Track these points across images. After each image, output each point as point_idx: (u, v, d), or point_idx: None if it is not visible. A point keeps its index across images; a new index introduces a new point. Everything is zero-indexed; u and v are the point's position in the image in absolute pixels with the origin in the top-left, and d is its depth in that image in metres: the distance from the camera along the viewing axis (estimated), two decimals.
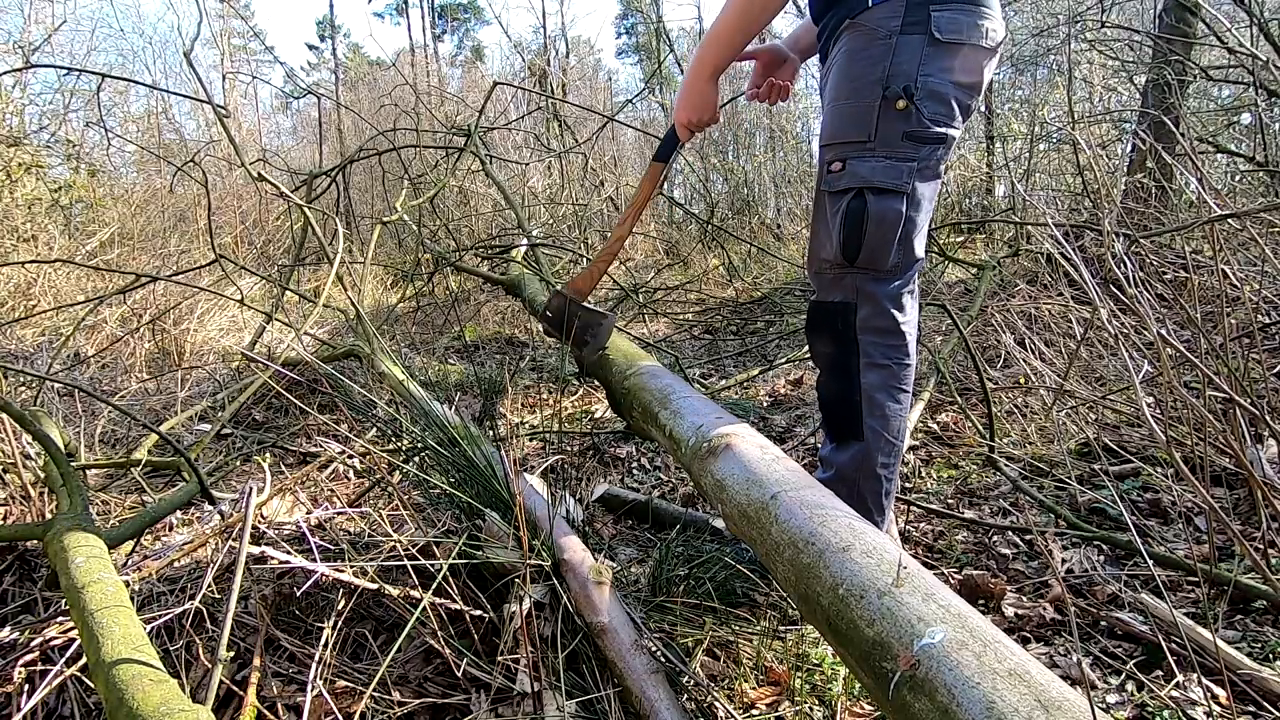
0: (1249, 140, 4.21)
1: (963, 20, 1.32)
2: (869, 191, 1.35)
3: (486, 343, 4.41)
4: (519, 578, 1.21)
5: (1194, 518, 1.70)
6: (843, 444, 1.47)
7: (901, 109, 1.31)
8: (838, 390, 1.46)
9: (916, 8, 1.31)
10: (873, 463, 1.44)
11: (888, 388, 1.42)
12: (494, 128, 5.74)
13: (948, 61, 1.33)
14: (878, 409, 1.42)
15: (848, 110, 1.37)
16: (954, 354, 2.95)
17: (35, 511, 1.72)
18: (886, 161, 1.34)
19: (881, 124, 1.33)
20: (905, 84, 1.32)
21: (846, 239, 1.37)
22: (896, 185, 1.34)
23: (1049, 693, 0.66)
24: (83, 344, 3.83)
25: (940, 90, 1.33)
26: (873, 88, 1.33)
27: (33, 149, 5.68)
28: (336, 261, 2.82)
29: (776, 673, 1.26)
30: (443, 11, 25.60)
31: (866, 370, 1.41)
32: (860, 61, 1.35)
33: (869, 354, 1.41)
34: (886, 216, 1.35)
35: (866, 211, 1.35)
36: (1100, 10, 4.61)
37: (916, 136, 1.34)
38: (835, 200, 1.39)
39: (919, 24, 1.31)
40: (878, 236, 1.36)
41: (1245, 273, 2.45)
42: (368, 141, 4.84)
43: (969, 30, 1.32)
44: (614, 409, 1.91)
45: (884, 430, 1.43)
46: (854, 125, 1.36)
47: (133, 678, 0.92)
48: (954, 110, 1.36)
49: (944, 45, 1.32)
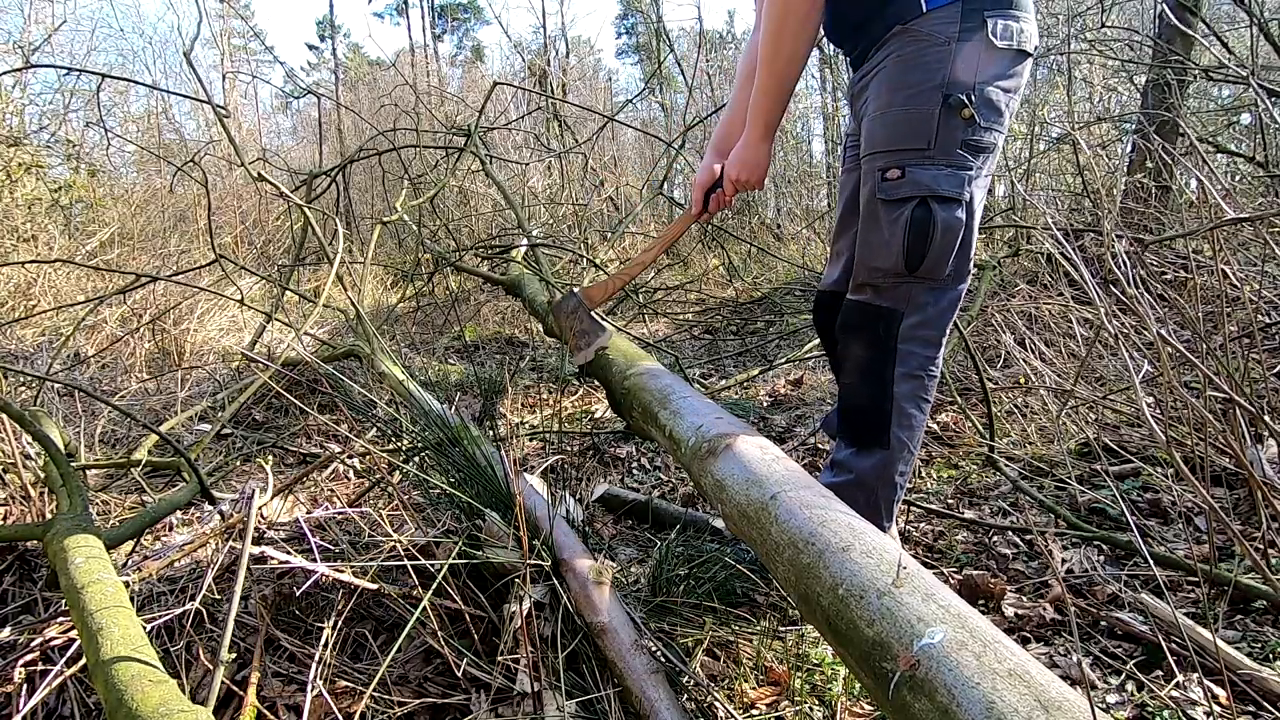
0: (1249, 140, 4.21)
1: (1011, 26, 1.31)
2: (934, 200, 1.32)
3: (486, 343, 4.41)
4: (519, 578, 1.21)
5: (1194, 518, 1.71)
6: (865, 450, 1.44)
7: (966, 117, 1.30)
8: (868, 396, 1.43)
9: (972, 13, 1.29)
10: (893, 470, 1.43)
11: (917, 398, 1.41)
12: (494, 128, 5.75)
13: (1000, 68, 1.32)
14: (905, 419, 1.40)
15: (904, 117, 1.34)
16: (954, 354, 2.95)
17: (35, 511, 1.72)
18: (949, 169, 1.32)
19: (942, 131, 1.31)
20: (965, 91, 1.30)
21: (911, 248, 1.34)
22: (959, 194, 1.32)
23: (1049, 693, 0.66)
24: (83, 344, 3.83)
25: (994, 97, 1.32)
26: (933, 94, 1.31)
27: (33, 149, 5.67)
28: (336, 261, 2.82)
29: (776, 673, 1.27)
30: (443, 11, 25.60)
31: (901, 380, 1.39)
32: (917, 68, 1.33)
33: (906, 363, 1.39)
34: (951, 225, 1.33)
35: (933, 220, 1.32)
36: (1100, 10, 4.61)
37: (973, 144, 1.32)
38: (893, 209, 1.35)
39: (975, 29, 1.29)
40: (942, 246, 1.33)
41: (1245, 273, 2.45)
42: (368, 141, 4.84)
43: (1017, 35, 1.32)
44: (614, 409, 1.91)
45: (909, 441, 1.42)
46: (912, 132, 1.33)
47: (132, 678, 0.92)
48: (1005, 116, 1.35)
49: (999, 51, 1.30)
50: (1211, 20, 4.39)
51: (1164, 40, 4.19)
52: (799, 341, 3.78)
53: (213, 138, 7.56)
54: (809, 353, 3.34)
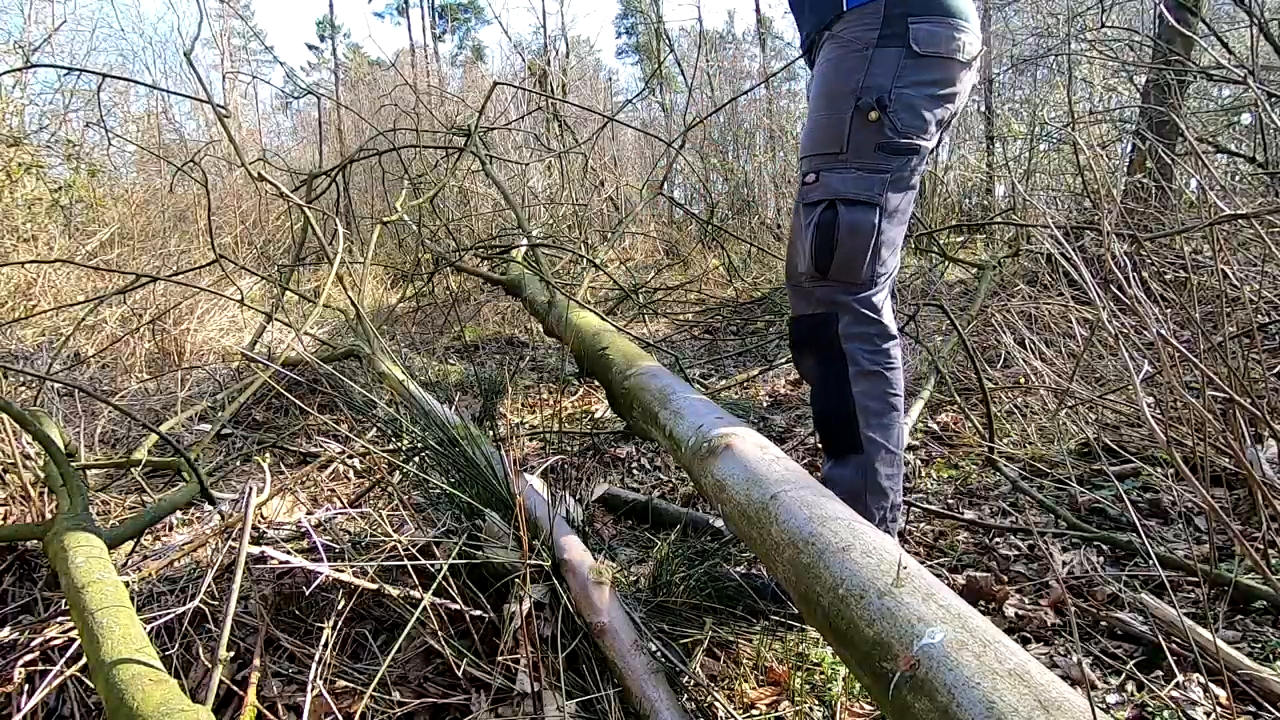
0: (1249, 140, 4.21)
1: (940, 33, 1.32)
2: (840, 203, 1.34)
3: (486, 343, 4.41)
4: (519, 578, 1.21)
5: (1194, 518, 1.71)
6: (841, 459, 1.43)
7: (874, 120, 1.32)
8: (830, 404, 1.43)
9: (894, 19, 1.31)
10: (876, 475, 1.40)
11: (881, 395, 1.39)
12: (494, 128, 5.74)
13: (924, 74, 1.33)
14: (873, 418, 1.39)
15: (822, 122, 1.38)
16: (954, 354, 2.95)
17: (35, 511, 1.72)
18: (858, 173, 1.34)
19: (854, 135, 1.33)
20: (879, 95, 1.31)
21: (818, 251, 1.36)
22: (868, 197, 1.34)
23: (1049, 693, 0.67)
24: (83, 344, 3.83)
25: (915, 102, 1.33)
26: (846, 99, 1.33)
27: (33, 149, 5.67)
28: (336, 262, 2.82)
29: (776, 673, 1.26)
30: (443, 11, 25.59)
31: (856, 379, 1.39)
32: (836, 73, 1.36)
33: (857, 362, 1.39)
34: (859, 228, 1.34)
35: (838, 223, 1.34)
36: (1100, 10, 4.61)
37: (889, 148, 1.33)
38: (808, 212, 1.39)
39: (897, 36, 1.31)
40: (849, 248, 1.35)
41: (1245, 273, 2.45)
42: (368, 142, 4.84)
43: (946, 43, 1.33)
44: (614, 409, 1.91)
45: (883, 440, 1.40)
46: (827, 137, 1.36)
47: (133, 677, 0.92)
48: (927, 122, 1.36)
49: (921, 58, 1.32)
50: (1211, 20, 4.38)
51: (1164, 40, 4.19)
52: None
53: (213, 138, 7.55)
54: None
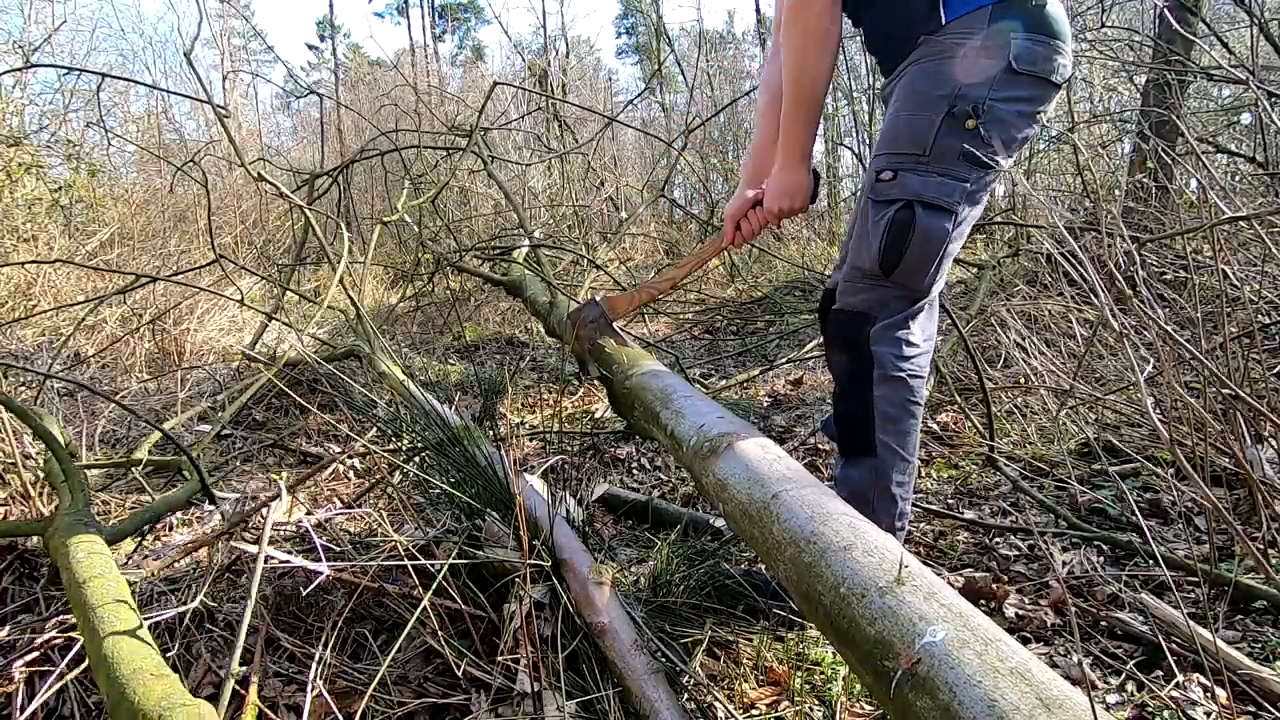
0: (1249, 140, 4.21)
1: (1039, 52, 1.29)
2: (919, 205, 1.31)
3: (486, 343, 4.41)
4: (519, 578, 1.21)
5: (1194, 518, 1.71)
6: (854, 459, 1.43)
7: (970, 128, 1.28)
8: (851, 402, 1.42)
9: (997, 33, 1.27)
10: (887, 480, 1.39)
11: (901, 401, 1.38)
12: (494, 128, 5.74)
13: (1018, 91, 1.30)
14: (890, 423, 1.38)
15: (907, 122, 1.34)
16: (954, 354, 2.95)
17: (35, 511, 1.72)
18: (940, 178, 1.30)
19: (941, 139, 1.30)
20: (975, 104, 1.28)
21: (887, 249, 1.32)
22: (947, 203, 1.31)
23: (1050, 691, 0.66)
24: (83, 344, 3.83)
25: (1005, 117, 1.30)
26: (938, 102, 1.30)
27: (33, 149, 5.67)
28: (339, 262, 2.82)
29: (776, 673, 1.26)
30: (443, 11, 25.60)
31: (879, 383, 1.37)
32: (930, 76, 1.32)
33: (883, 365, 1.37)
34: (933, 233, 1.31)
35: (914, 225, 1.31)
36: (1100, 10, 4.61)
37: (973, 159, 1.30)
38: (880, 209, 1.35)
39: (998, 49, 1.28)
40: (920, 252, 1.32)
41: (1245, 273, 2.45)
42: (369, 142, 4.84)
43: (1044, 62, 1.30)
44: (615, 409, 1.91)
45: (899, 446, 1.39)
46: (911, 137, 1.32)
47: (134, 673, 0.92)
48: (1013, 139, 1.33)
49: (1018, 75, 1.28)
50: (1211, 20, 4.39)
51: (1164, 40, 4.19)
52: (799, 341, 3.78)
53: (213, 138, 7.55)
54: (809, 353, 3.34)
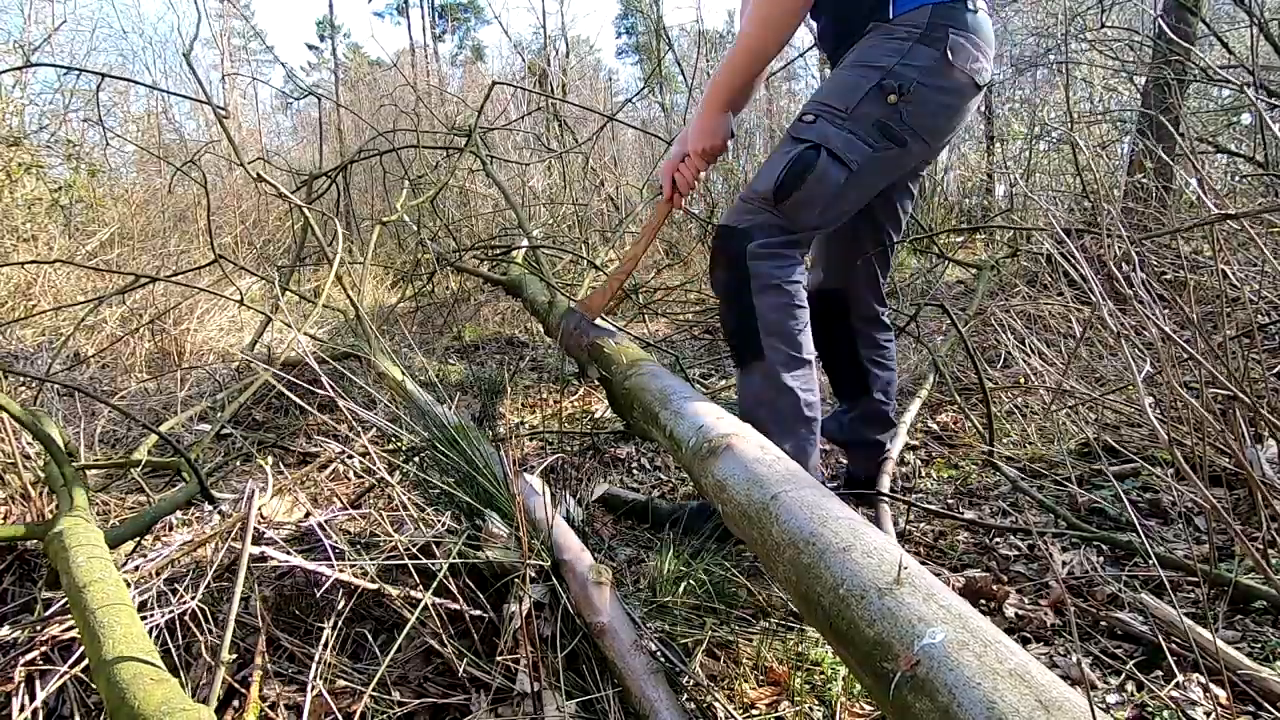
0: (1249, 140, 4.21)
1: (970, 51, 1.43)
2: (825, 150, 1.44)
3: (486, 343, 4.41)
4: (519, 578, 1.21)
5: (1194, 518, 1.71)
6: (746, 367, 1.56)
7: (890, 102, 1.42)
8: (735, 316, 1.55)
9: (937, 25, 1.41)
10: (777, 376, 1.51)
11: (782, 306, 1.51)
12: (494, 128, 5.74)
13: (945, 83, 1.44)
14: (773, 326, 1.51)
15: (843, 81, 1.48)
16: (953, 353, 2.95)
17: (35, 511, 1.71)
18: (850, 135, 1.44)
19: (864, 104, 1.44)
20: (902, 83, 1.42)
21: (785, 180, 1.46)
22: (848, 159, 1.44)
23: (1050, 693, 0.67)
24: (83, 344, 3.82)
25: (927, 104, 1.44)
26: (873, 72, 1.43)
27: (33, 149, 5.66)
28: (336, 262, 2.82)
29: (776, 673, 1.26)
30: (443, 11, 25.60)
31: (758, 292, 1.50)
32: (873, 50, 1.45)
33: (759, 277, 1.50)
34: (828, 178, 1.45)
35: (815, 165, 1.44)
36: (1100, 10, 4.61)
37: (886, 130, 1.44)
38: (793, 144, 1.48)
39: (938, 40, 1.41)
40: (811, 190, 1.46)
41: (1245, 273, 2.45)
42: (368, 142, 4.83)
43: (972, 63, 1.44)
44: (614, 409, 1.91)
45: (785, 346, 1.51)
46: (840, 94, 1.46)
47: (134, 677, 0.92)
48: (929, 127, 1.47)
49: (949, 67, 1.42)
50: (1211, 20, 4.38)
51: (1164, 40, 4.19)
52: None
53: (213, 138, 7.54)
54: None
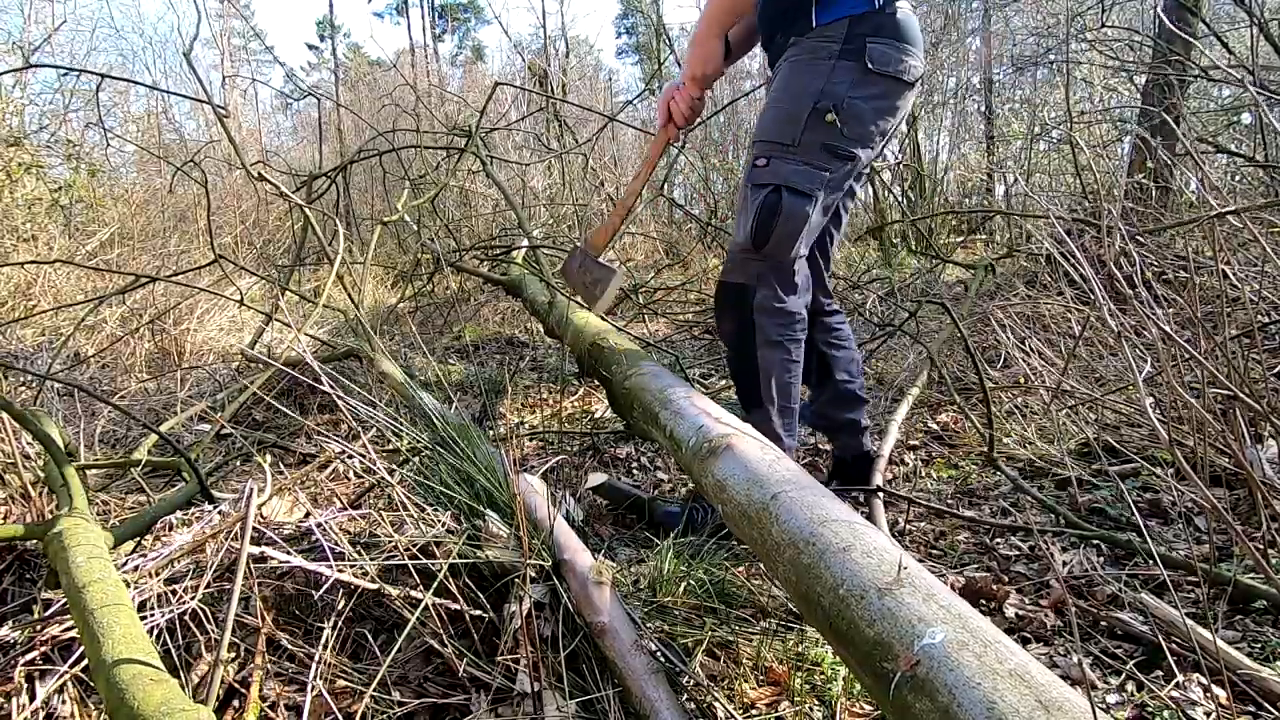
0: (1249, 140, 4.21)
1: (891, 55, 1.50)
2: (785, 189, 1.52)
3: (486, 343, 4.41)
4: (519, 578, 1.21)
5: (1194, 518, 1.70)
6: (750, 410, 1.68)
7: (829, 123, 1.49)
8: (741, 365, 1.66)
9: (855, 37, 1.48)
10: (773, 424, 1.63)
11: (780, 361, 1.62)
12: (495, 128, 5.74)
13: (874, 89, 1.51)
14: (774, 380, 1.62)
15: (780, 115, 1.54)
16: (952, 353, 2.95)
17: (35, 512, 1.71)
18: (805, 167, 1.51)
19: (807, 133, 1.51)
20: (835, 102, 1.49)
21: (759, 228, 1.54)
22: (808, 189, 1.53)
23: (1049, 693, 0.67)
24: (83, 344, 3.82)
25: (862, 113, 1.50)
26: (806, 99, 1.50)
27: (33, 149, 5.66)
28: (337, 262, 2.82)
29: (776, 673, 1.26)
30: (443, 11, 25.60)
31: (762, 346, 1.61)
32: (801, 74, 1.52)
33: (763, 330, 1.60)
34: (795, 213, 1.53)
35: (780, 206, 1.51)
36: (1100, 10, 4.61)
37: (833, 151, 1.52)
38: (755, 192, 1.54)
39: (855, 52, 1.48)
40: (784, 229, 1.53)
41: (1245, 273, 2.45)
42: (368, 142, 4.83)
43: (895, 64, 1.51)
44: (614, 409, 1.91)
45: (780, 399, 1.64)
46: (783, 129, 1.53)
47: (133, 677, 0.92)
48: (870, 134, 1.54)
49: (872, 74, 1.49)
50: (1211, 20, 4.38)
51: (1164, 40, 4.19)
52: None
53: (213, 138, 7.54)
54: None
